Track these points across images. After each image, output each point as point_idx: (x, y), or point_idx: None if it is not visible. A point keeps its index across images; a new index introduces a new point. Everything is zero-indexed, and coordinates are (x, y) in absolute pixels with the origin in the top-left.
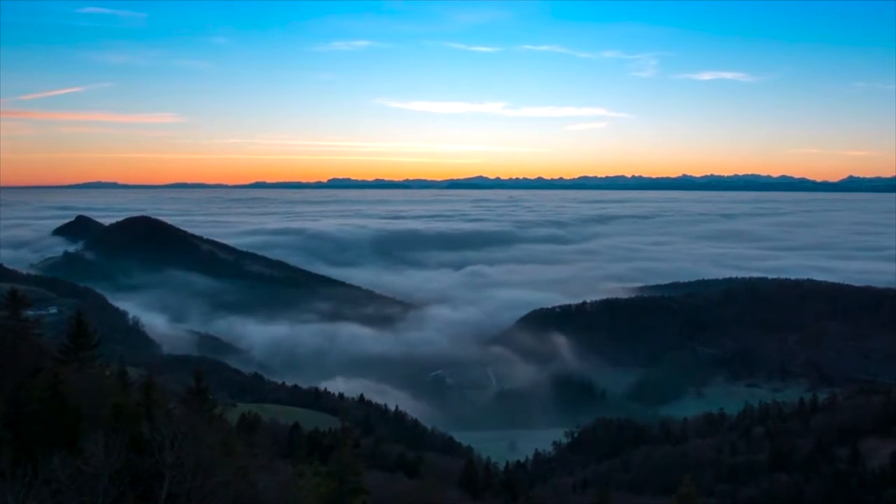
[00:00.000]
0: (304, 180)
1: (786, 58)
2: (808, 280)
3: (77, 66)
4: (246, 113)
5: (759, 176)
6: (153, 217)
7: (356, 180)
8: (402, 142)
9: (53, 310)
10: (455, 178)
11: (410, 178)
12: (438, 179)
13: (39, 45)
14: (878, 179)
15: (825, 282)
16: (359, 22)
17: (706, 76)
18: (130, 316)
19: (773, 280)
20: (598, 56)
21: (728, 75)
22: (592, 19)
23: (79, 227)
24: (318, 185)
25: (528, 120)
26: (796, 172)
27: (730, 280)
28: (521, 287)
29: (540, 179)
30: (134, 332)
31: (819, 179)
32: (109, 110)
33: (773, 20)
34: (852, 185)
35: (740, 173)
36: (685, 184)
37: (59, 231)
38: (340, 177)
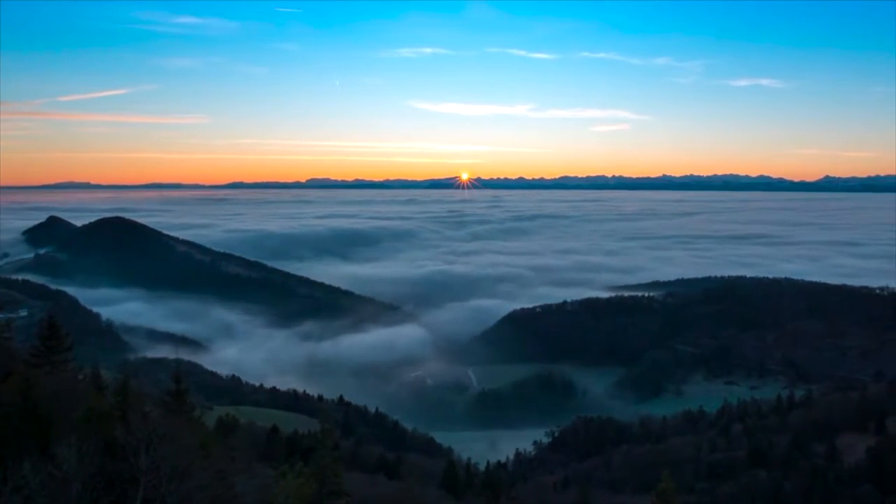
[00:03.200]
0: (282, 180)
1: (788, 62)
2: (786, 279)
3: (133, 70)
4: (272, 115)
5: (738, 176)
6: (127, 218)
7: (335, 180)
8: (410, 143)
9: (24, 312)
10: (437, 178)
11: (391, 178)
12: (420, 179)
13: (105, 48)
14: (854, 179)
15: (802, 280)
16: (428, 30)
17: (742, 82)
18: (104, 318)
19: (752, 279)
20: (648, 63)
21: (764, 81)
22: (650, 30)
23: (50, 228)
24: (297, 185)
25: (550, 121)
26: (775, 172)
27: (708, 279)
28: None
29: (521, 179)
30: (108, 335)
31: (797, 179)
32: (133, 112)
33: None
34: (828, 185)
35: (719, 173)
36: (665, 184)
37: (30, 232)
38: (319, 177)
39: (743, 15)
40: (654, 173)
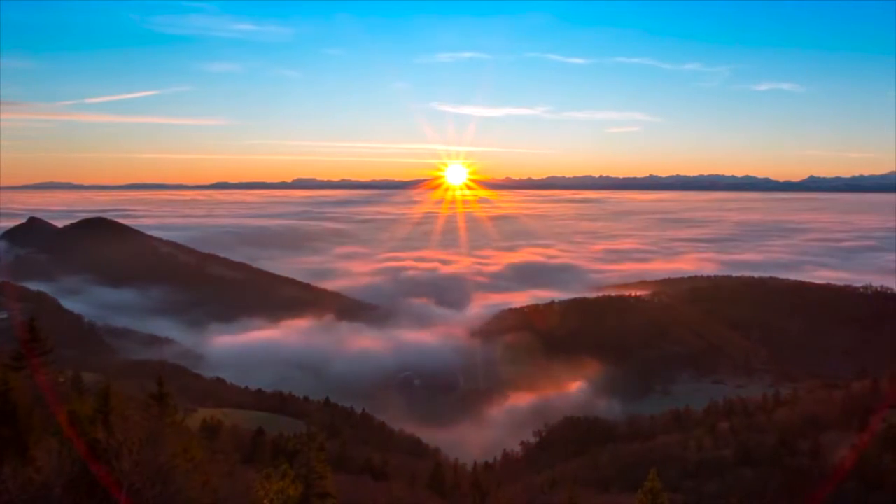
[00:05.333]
0: (267, 180)
1: (793, 66)
2: (771, 278)
3: (173, 74)
4: (289, 118)
5: (723, 176)
6: (109, 218)
7: (321, 181)
8: (416, 144)
9: (3, 315)
10: (422, 178)
11: (378, 178)
12: (406, 180)
13: (148, 51)
14: (838, 179)
15: (787, 280)
16: (472, 35)
17: (764, 87)
18: (86, 320)
19: (737, 278)
20: (679, 68)
21: (785, 86)
22: (685, 36)
23: (30, 229)
24: (282, 185)
25: (563, 122)
26: (760, 172)
27: (695, 279)
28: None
29: (508, 179)
30: (89, 337)
31: (781, 179)
32: (158, 115)
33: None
34: (813, 185)
35: (705, 174)
36: (651, 184)
37: (9, 233)
38: (305, 177)
39: (769, 20)
40: (642, 173)
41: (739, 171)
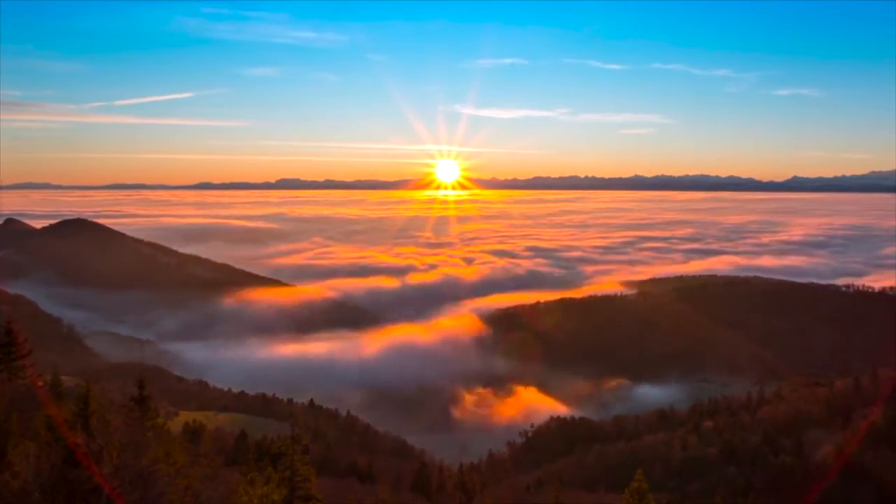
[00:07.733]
0: (251, 180)
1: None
2: (756, 277)
3: (215, 76)
4: (306, 120)
5: (707, 176)
6: (88, 219)
7: (305, 181)
8: (418, 145)
9: None
10: (407, 178)
11: (362, 178)
12: (392, 180)
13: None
14: (821, 179)
15: (771, 279)
16: (518, 42)
17: (784, 91)
18: (65, 322)
19: (722, 277)
20: (709, 73)
21: (804, 91)
22: (718, 44)
23: (8, 230)
24: (265, 186)
25: (577, 124)
26: (744, 173)
27: (680, 278)
28: None
29: (494, 180)
30: (69, 340)
31: (765, 179)
32: (183, 116)
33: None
34: (796, 185)
35: (690, 174)
36: (637, 184)
37: None
38: (289, 177)
39: (799, 25)
40: (627, 173)
41: (724, 172)
